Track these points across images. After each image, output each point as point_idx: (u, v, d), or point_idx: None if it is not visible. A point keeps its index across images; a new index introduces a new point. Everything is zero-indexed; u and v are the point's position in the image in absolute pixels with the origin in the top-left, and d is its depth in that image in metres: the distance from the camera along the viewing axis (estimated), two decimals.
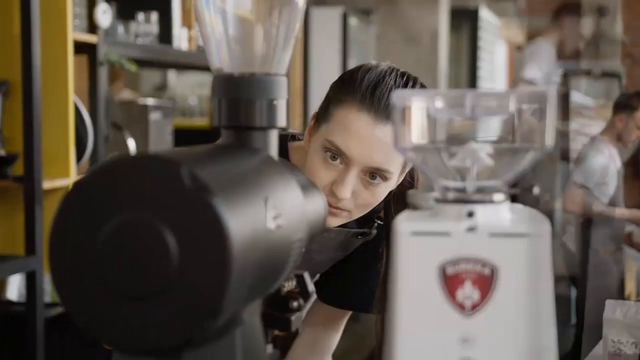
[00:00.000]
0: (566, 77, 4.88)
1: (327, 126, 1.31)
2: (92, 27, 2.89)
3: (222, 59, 0.80)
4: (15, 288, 2.91)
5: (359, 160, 1.28)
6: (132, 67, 3.00)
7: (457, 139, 0.72)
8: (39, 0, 2.53)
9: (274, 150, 0.80)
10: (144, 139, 3.30)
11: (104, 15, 2.87)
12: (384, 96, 1.28)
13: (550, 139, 0.69)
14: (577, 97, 6.16)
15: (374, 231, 1.49)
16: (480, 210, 0.69)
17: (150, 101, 3.54)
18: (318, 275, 1.60)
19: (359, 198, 1.31)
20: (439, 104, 0.71)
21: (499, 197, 0.70)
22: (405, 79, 1.33)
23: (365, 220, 1.49)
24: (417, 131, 0.71)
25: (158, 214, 0.61)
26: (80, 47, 2.87)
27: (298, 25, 0.83)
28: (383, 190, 1.33)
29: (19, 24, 2.52)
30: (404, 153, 0.72)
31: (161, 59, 3.53)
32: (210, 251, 0.60)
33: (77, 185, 0.63)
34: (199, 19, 0.81)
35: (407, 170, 1.38)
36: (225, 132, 0.79)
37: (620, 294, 4.08)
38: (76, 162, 2.79)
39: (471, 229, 0.68)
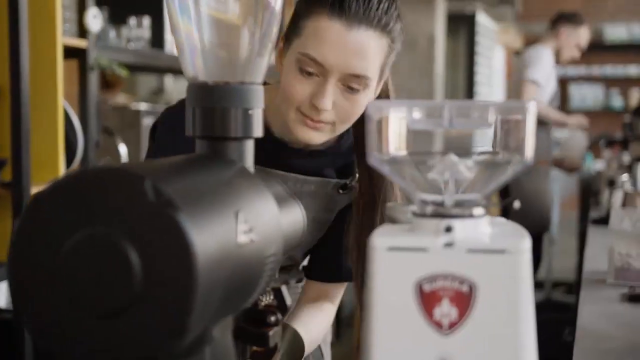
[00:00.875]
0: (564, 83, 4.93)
1: (298, 41, 1.31)
2: (83, 32, 2.87)
3: (196, 67, 0.78)
4: (3, 295, 2.88)
5: (336, 68, 1.27)
6: (123, 72, 2.97)
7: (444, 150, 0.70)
8: (27, 4, 2.50)
9: (249, 161, 0.78)
10: (137, 144, 3.28)
11: (94, 19, 2.84)
12: (353, 1, 1.27)
13: (530, 152, 0.66)
14: (483, 19, 6.53)
15: (356, 184, 1.46)
16: (458, 225, 0.66)
17: (143, 106, 3.51)
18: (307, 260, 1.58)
19: (340, 110, 1.30)
20: (417, 114, 0.68)
21: (478, 211, 0.68)
22: None
23: (345, 172, 1.47)
24: (394, 143, 0.69)
25: (121, 229, 0.59)
26: (71, 52, 2.84)
27: (275, 31, 0.81)
28: (363, 99, 1.31)
29: (7, 28, 2.49)
30: (379, 165, 0.69)
31: (153, 64, 3.51)
32: (175, 268, 0.58)
33: (38, 198, 0.61)
34: (173, 26, 0.79)
35: (384, 78, 1.37)
36: (200, 143, 0.77)
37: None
38: (66, 168, 2.76)
39: (449, 245, 0.65)
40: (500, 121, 0.68)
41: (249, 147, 0.78)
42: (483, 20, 7.40)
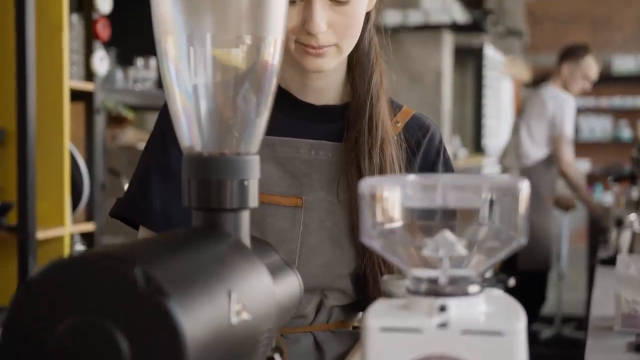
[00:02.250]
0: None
1: None
2: (90, 74, 2.88)
3: (192, 138, 0.77)
4: None
5: None
6: (129, 114, 2.98)
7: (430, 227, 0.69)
8: (35, 47, 2.52)
9: (245, 232, 0.77)
10: None
11: (101, 62, 2.86)
12: None
13: (523, 233, 0.66)
14: (490, 52, 6.89)
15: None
16: (453, 304, 0.65)
17: None
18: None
19: (337, 27, 1.24)
20: (410, 191, 0.68)
21: (473, 288, 0.67)
22: None
23: None
24: (387, 219, 0.68)
25: (111, 316, 0.58)
26: (77, 94, 2.85)
27: (271, 97, 0.80)
28: (357, 8, 1.25)
29: (14, 71, 2.51)
30: (371, 241, 0.68)
31: (160, 105, 3.51)
32: (165, 355, 0.57)
33: (28, 284, 0.60)
34: (168, 94, 0.78)
35: None
36: (195, 214, 0.77)
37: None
38: (72, 211, 2.76)
39: (443, 325, 0.64)
40: (495, 197, 0.68)
41: (245, 218, 0.77)
42: (491, 52, 7.41)
